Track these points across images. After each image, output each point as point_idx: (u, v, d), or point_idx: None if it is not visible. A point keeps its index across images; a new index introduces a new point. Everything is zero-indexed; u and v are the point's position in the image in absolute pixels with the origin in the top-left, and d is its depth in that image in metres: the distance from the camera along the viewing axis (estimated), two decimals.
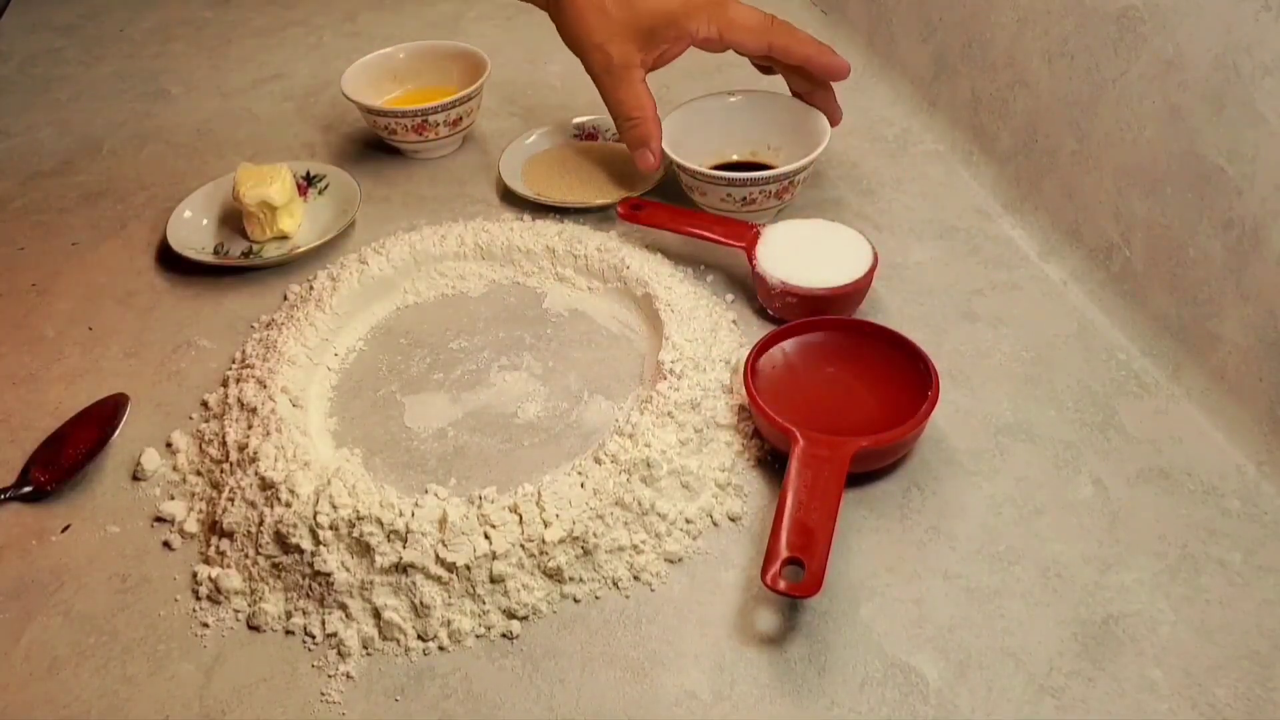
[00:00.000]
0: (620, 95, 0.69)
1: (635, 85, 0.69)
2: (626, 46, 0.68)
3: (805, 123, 0.72)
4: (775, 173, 0.68)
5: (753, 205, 0.70)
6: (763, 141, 0.75)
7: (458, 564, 0.49)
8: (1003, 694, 0.45)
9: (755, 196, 0.69)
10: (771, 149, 0.75)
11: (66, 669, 0.49)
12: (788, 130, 0.74)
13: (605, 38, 0.68)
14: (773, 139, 0.75)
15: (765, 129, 0.75)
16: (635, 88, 0.69)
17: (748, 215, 0.70)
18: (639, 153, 0.71)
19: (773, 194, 0.69)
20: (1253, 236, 0.54)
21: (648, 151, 0.70)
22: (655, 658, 0.48)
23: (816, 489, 0.49)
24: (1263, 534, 0.51)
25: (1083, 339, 0.63)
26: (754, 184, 0.68)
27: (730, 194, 0.69)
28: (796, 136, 0.73)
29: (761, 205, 0.70)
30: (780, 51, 0.69)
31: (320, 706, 0.47)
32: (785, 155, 0.74)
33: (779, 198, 0.70)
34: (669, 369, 0.57)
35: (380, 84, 0.85)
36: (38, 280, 0.75)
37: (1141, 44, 0.60)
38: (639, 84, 0.69)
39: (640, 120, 0.69)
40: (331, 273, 0.69)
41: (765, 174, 0.68)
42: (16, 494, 0.57)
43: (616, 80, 0.69)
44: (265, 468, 0.53)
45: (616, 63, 0.68)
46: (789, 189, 0.70)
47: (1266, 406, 0.54)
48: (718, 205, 0.71)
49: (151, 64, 1.06)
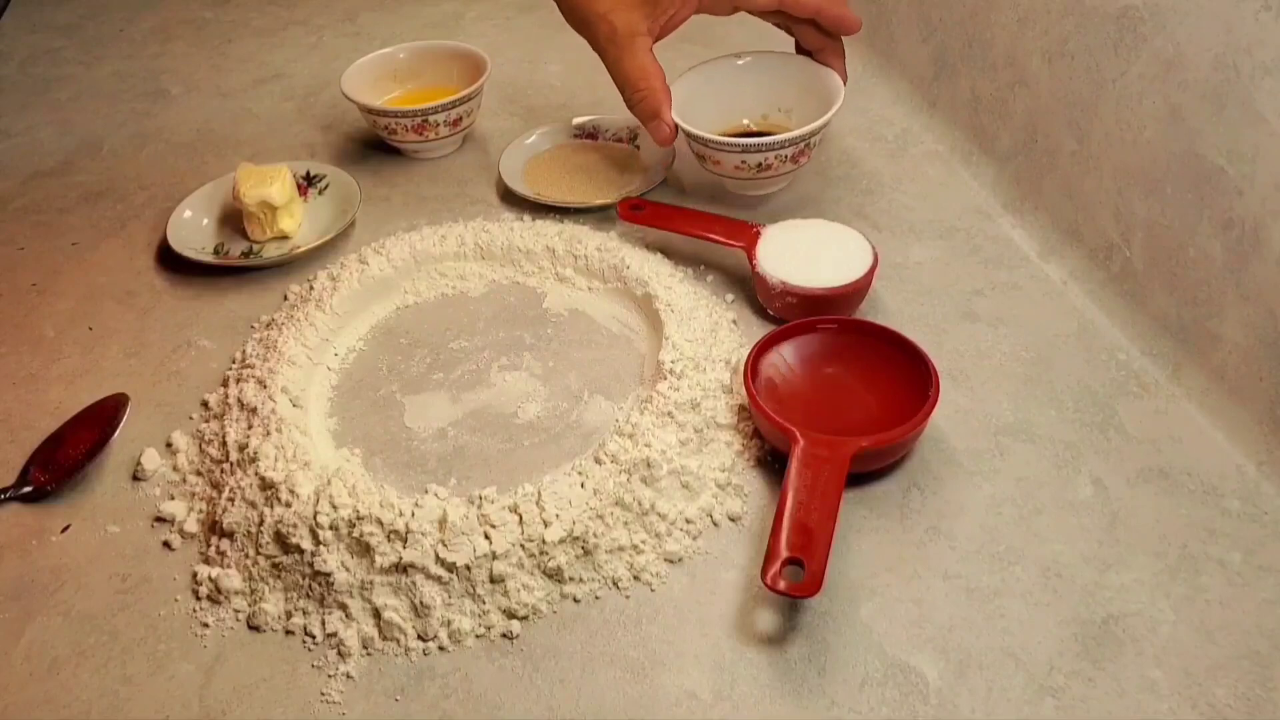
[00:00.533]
0: (627, 66, 0.67)
1: (642, 54, 0.67)
2: (631, 15, 0.66)
3: (816, 82, 0.70)
4: (790, 135, 0.66)
5: (769, 171, 0.68)
6: (774, 104, 0.73)
7: (458, 564, 0.49)
8: (1003, 694, 0.45)
9: (770, 161, 0.67)
10: (783, 111, 0.73)
11: (66, 669, 0.49)
12: (799, 91, 0.71)
13: (609, 7, 0.66)
14: (784, 101, 0.72)
15: (776, 91, 0.72)
16: (642, 57, 0.67)
17: (764, 182, 0.68)
18: (653, 125, 0.68)
19: (789, 158, 0.68)
20: (1253, 236, 0.54)
21: (661, 123, 0.67)
22: (655, 658, 0.48)
23: (816, 489, 0.49)
24: (1263, 534, 0.51)
25: (1083, 339, 0.63)
26: (769, 149, 0.66)
27: (745, 160, 0.67)
28: (808, 97, 0.71)
29: (778, 170, 0.68)
30: (791, 5, 0.66)
31: (320, 706, 0.47)
32: (798, 117, 0.72)
33: (795, 161, 0.68)
34: (669, 369, 0.57)
35: (380, 84, 0.85)
36: (38, 280, 0.75)
37: (1141, 44, 0.60)
38: (646, 53, 0.67)
39: (649, 90, 0.67)
40: (331, 273, 0.69)
41: (780, 138, 0.66)
42: (16, 494, 0.57)
43: (622, 50, 0.66)
44: (265, 468, 0.53)
45: (621, 32, 0.66)
46: (805, 152, 0.68)
47: (1266, 406, 0.54)
48: (732, 173, 0.69)
49: (151, 64, 1.06)
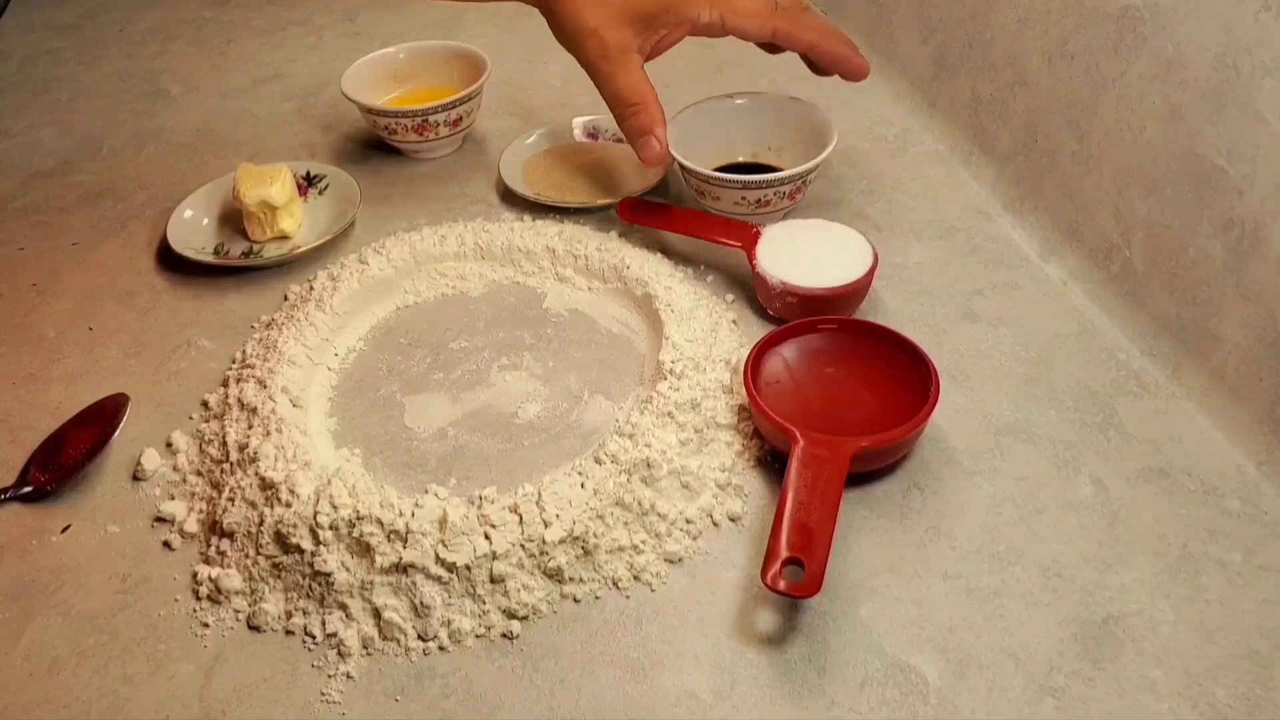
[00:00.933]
0: (618, 83, 0.65)
1: (633, 71, 0.65)
2: (623, 32, 0.65)
3: (808, 122, 0.72)
4: (790, 173, 0.67)
5: (766, 207, 0.69)
6: (763, 143, 0.75)
7: (458, 564, 0.49)
8: (1003, 694, 0.45)
9: (770, 198, 0.69)
10: (773, 150, 0.75)
11: (66, 669, 0.49)
12: (789, 130, 0.73)
13: (600, 23, 0.65)
14: (774, 140, 0.74)
15: (767, 130, 0.74)
16: (634, 73, 0.65)
17: (759, 217, 0.69)
18: (643, 141, 0.67)
19: (786, 194, 0.69)
20: (1253, 236, 0.54)
21: (652, 139, 0.66)
22: (655, 658, 0.48)
23: (816, 489, 0.49)
24: (1263, 534, 0.51)
25: (1083, 339, 0.63)
26: (769, 185, 0.68)
27: (745, 197, 0.68)
28: (799, 136, 0.73)
29: (775, 207, 0.69)
30: (784, 38, 0.66)
31: (320, 706, 0.47)
32: (789, 156, 0.74)
33: (792, 198, 0.70)
34: (669, 369, 0.57)
35: (380, 84, 0.85)
36: (38, 280, 0.75)
37: (1141, 44, 0.60)
38: (637, 69, 0.66)
39: (641, 106, 0.65)
40: (331, 273, 0.69)
41: (780, 175, 0.67)
42: (16, 494, 0.57)
43: (613, 66, 0.65)
44: (265, 468, 0.53)
45: (612, 48, 0.65)
46: (801, 189, 0.70)
47: (1266, 406, 0.54)
48: (730, 209, 0.70)
49: (151, 64, 1.06)
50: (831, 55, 0.67)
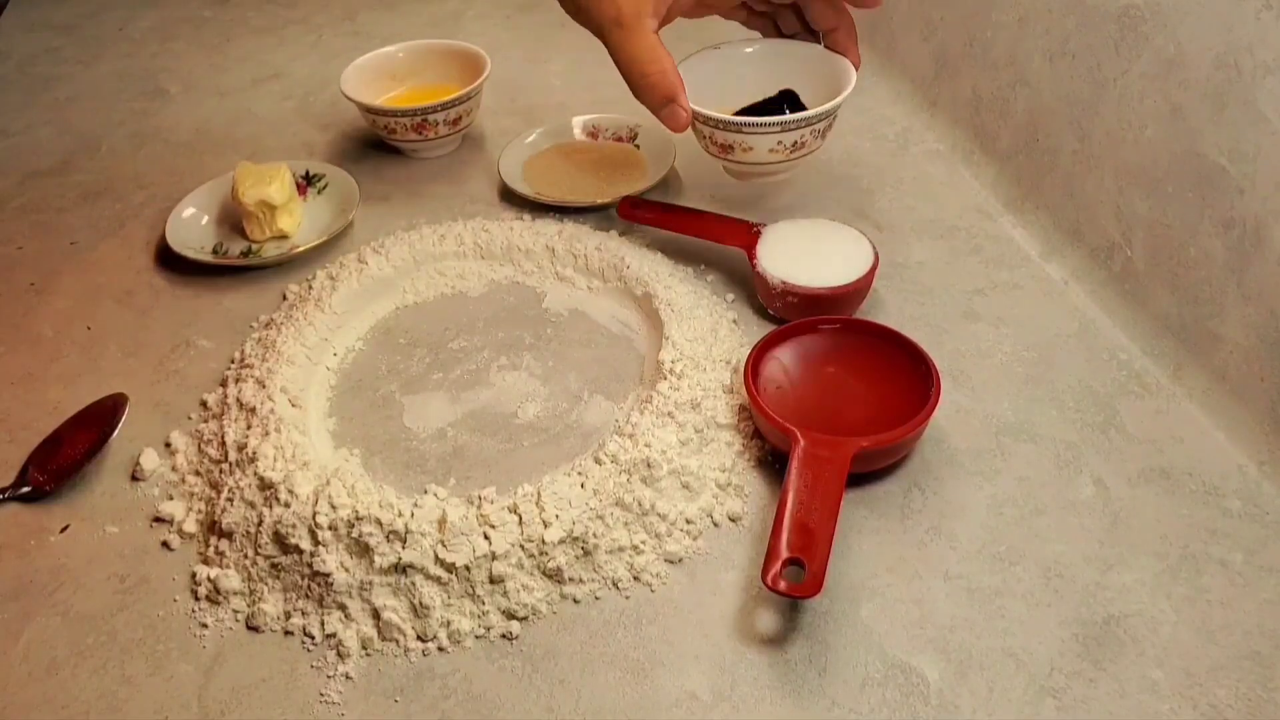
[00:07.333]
0: (634, 49, 0.62)
1: (648, 35, 0.62)
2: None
3: (824, 67, 0.69)
4: (826, 108, 0.64)
5: (801, 150, 0.66)
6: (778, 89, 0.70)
7: (457, 564, 0.49)
8: (1004, 694, 0.45)
9: (805, 139, 0.65)
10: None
11: (65, 669, 0.49)
12: (807, 76, 0.69)
13: None
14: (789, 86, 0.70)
15: (780, 77, 0.70)
16: (649, 38, 0.62)
17: (790, 164, 0.67)
18: (667, 110, 0.63)
19: (820, 133, 0.66)
20: (1254, 236, 0.54)
21: (677, 107, 0.62)
22: (655, 658, 0.48)
23: (817, 489, 0.49)
24: (1264, 534, 0.51)
25: (1084, 339, 0.63)
26: (805, 124, 0.64)
27: (781, 141, 0.65)
28: (815, 81, 0.69)
29: (809, 149, 0.66)
30: None
31: (319, 707, 0.47)
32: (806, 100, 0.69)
33: (823, 137, 0.67)
34: (669, 369, 0.57)
35: (380, 83, 0.85)
36: (36, 280, 0.74)
37: (1143, 43, 0.60)
38: (652, 34, 0.62)
39: (660, 73, 0.62)
40: (331, 272, 0.68)
41: (816, 111, 0.64)
42: (15, 494, 0.57)
43: (628, 32, 0.61)
44: (264, 468, 0.53)
45: (627, 13, 0.61)
46: (831, 126, 0.67)
47: (1268, 406, 0.54)
48: (765, 158, 0.66)
49: (150, 63, 1.06)
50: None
